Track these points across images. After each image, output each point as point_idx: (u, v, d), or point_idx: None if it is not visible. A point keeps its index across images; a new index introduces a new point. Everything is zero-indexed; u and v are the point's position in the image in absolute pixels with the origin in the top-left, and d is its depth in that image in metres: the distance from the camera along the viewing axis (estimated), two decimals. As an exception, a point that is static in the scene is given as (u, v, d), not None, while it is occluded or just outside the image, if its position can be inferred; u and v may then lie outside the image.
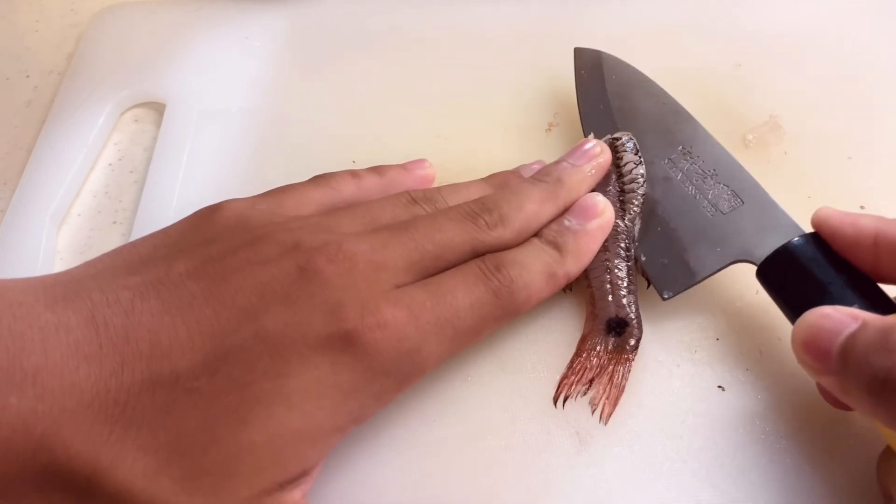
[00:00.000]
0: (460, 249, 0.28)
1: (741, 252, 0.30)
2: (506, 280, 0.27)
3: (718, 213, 0.31)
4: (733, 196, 0.31)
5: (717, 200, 0.31)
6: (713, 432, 0.28)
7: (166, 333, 0.23)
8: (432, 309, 0.26)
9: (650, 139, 0.34)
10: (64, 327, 0.23)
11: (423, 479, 0.27)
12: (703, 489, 0.27)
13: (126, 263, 0.26)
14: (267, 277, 0.25)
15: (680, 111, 0.35)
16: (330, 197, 0.31)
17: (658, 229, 0.32)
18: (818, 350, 0.24)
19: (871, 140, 0.38)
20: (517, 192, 0.30)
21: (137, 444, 0.22)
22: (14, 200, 0.36)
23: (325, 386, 0.24)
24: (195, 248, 0.26)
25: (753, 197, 0.31)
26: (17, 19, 0.48)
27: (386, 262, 0.26)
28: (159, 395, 0.22)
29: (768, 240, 0.29)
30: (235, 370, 0.23)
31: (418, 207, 0.30)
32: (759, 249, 0.29)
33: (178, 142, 0.39)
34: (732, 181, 0.32)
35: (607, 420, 0.28)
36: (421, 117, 0.40)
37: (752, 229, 0.30)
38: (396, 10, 0.45)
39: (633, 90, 0.36)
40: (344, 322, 0.24)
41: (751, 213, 0.31)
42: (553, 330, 0.31)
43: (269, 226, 0.27)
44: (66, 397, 0.22)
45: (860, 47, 0.42)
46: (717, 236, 0.30)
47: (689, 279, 0.30)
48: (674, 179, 0.33)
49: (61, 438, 0.21)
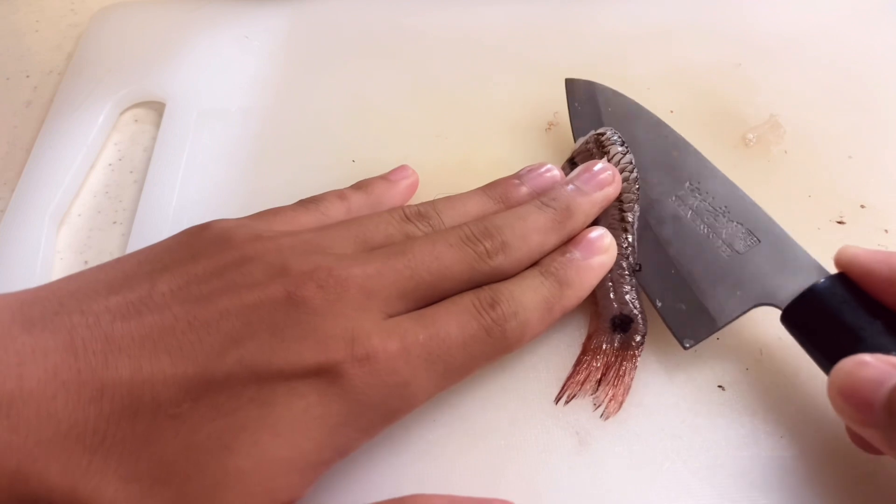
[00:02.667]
0: (458, 279, 0.27)
1: (762, 295, 0.28)
2: (499, 318, 0.26)
3: (735, 253, 0.30)
4: (748, 234, 0.30)
5: (732, 239, 0.30)
6: (713, 432, 0.28)
7: (148, 359, 0.22)
8: (424, 343, 0.25)
9: (655, 175, 0.33)
10: (41, 351, 0.22)
11: (422, 480, 0.27)
12: (703, 489, 0.27)
13: (108, 280, 0.25)
14: (253, 302, 0.24)
15: (682, 143, 0.34)
16: (319, 220, 0.30)
17: (672, 272, 0.30)
18: (859, 401, 0.23)
19: (871, 139, 0.38)
20: (522, 219, 0.29)
21: (119, 474, 0.21)
22: (14, 200, 0.36)
23: (311, 417, 0.23)
24: (179, 265, 0.25)
25: (770, 234, 0.30)
26: (17, 19, 0.48)
27: (379, 290, 0.25)
28: (140, 423, 0.22)
29: (790, 281, 0.28)
30: (220, 397, 0.22)
31: (412, 226, 0.29)
32: (781, 291, 0.28)
33: (178, 141, 0.39)
34: (746, 218, 0.31)
35: (615, 414, 0.28)
36: (421, 117, 0.40)
37: (771, 270, 0.29)
38: (396, 10, 0.45)
39: (631, 122, 0.35)
40: (333, 353, 0.23)
41: (769, 251, 0.29)
42: (553, 329, 0.31)
43: (257, 243, 0.26)
44: (42, 427, 0.21)
45: (860, 47, 0.42)
46: (735, 278, 0.29)
47: (710, 327, 0.29)
48: (684, 218, 0.31)
49: (37, 470, 0.21)
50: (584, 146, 0.34)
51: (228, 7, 0.46)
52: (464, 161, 0.37)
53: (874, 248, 0.27)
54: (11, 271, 0.34)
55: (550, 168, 0.32)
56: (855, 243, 0.27)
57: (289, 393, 0.23)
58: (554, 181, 0.32)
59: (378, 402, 0.24)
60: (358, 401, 0.24)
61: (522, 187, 0.32)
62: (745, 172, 0.33)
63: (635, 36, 0.43)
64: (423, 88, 0.41)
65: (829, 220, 0.34)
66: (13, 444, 0.20)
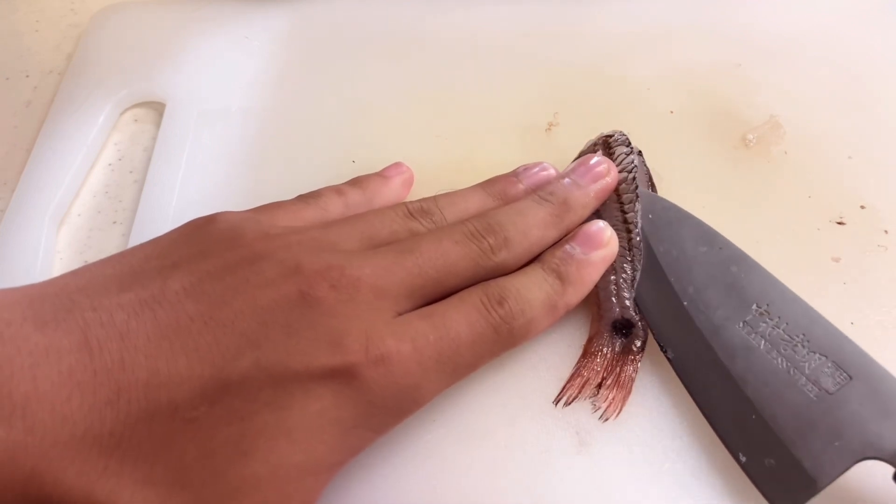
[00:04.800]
0: (462, 275, 0.27)
1: (866, 446, 0.24)
2: (507, 315, 0.27)
3: (824, 394, 0.25)
4: (836, 368, 0.26)
5: (818, 376, 0.26)
6: (713, 432, 0.28)
7: (164, 360, 0.22)
8: (435, 343, 0.25)
9: (713, 296, 0.29)
10: (55, 351, 0.21)
11: (422, 480, 0.27)
12: (703, 489, 0.27)
13: (117, 276, 0.25)
14: (268, 302, 0.24)
15: (742, 257, 0.29)
16: (321, 215, 0.30)
17: (752, 417, 0.26)
18: None
19: (871, 140, 0.38)
20: (523, 214, 0.29)
21: (135, 478, 0.21)
22: (14, 200, 0.36)
23: (326, 420, 0.23)
24: (190, 262, 0.25)
25: (861, 369, 0.26)
26: (17, 19, 0.48)
27: (389, 289, 0.26)
28: (157, 426, 0.21)
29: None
30: (236, 401, 0.22)
31: (416, 223, 0.29)
32: (890, 442, 0.24)
33: (178, 141, 0.39)
34: (830, 349, 0.26)
35: (615, 418, 0.28)
36: (421, 117, 0.40)
37: (873, 414, 0.25)
38: (396, 10, 0.45)
39: (678, 231, 0.31)
40: (348, 355, 0.23)
41: (865, 391, 0.25)
42: (553, 329, 0.31)
43: (267, 240, 0.26)
44: (57, 429, 0.20)
45: (860, 47, 0.42)
46: (829, 426, 0.25)
47: (809, 488, 0.24)
48: (757, 349, 0.27)
49: (53, 473, 0.20)
50: (592, 148, 0.34)
51: (228, 7, 0.46)
52: (464, 161, 0.37)
53: (874, 248, 0.27)
54: (11, 271, 0.34)
55: (546, 166, 0.33)
56: (855, 244, 0.27)
57: (304, 395, 0.23)
58: (550, 177, 0.32)
59: (391, 402, 0.24)
60: (372, 402, 0.24)
61: (520, 184, 0.32)
62: (745, 173, 0.33)
63: (635, 36, 0.43)
64: (423, 88, 0.41)
65: (829, 220, 0.34)
66: (29, 446, 0.20)
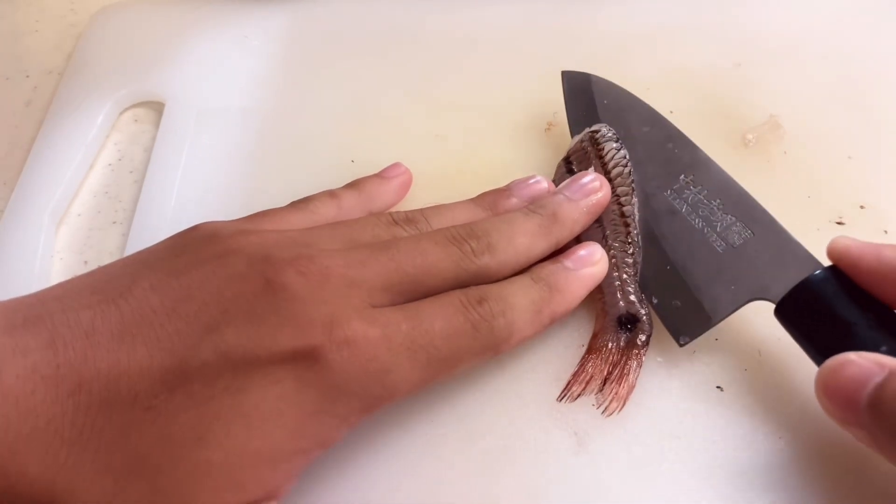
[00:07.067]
0: (442, 276, 0.27)
1: (757, 290, 0.28)
2: (486, 314, 0.26)
3: (729, 248, 0.29)
4: (743, 227, 0.30)
5: (727, 233, 0.30)
6: (712, 432, 0.28)
7: (126, 352, 0.22)
8: (407, 332, 0.24)
9: (651, 169, 0.33)
10: (22, 350, 0.22)
11: (421, 480, 0.27)
12: (703, 489, 0.27)
13: (92, 283, 0.25)
14: (233, 293, 0.24)
15: (676, 135, 0.34)
16: (309, 219, 0.30)
17: (667, 268, 0.30)
18: (844, 400, 0.23)
19: (871, 140, 0.38)
20: (509, 222, 0.29)
21: (94, 467, 0.21)
22: (13, 200, 0.36)
23: (286, 404, 0.23)
24: (162, 262, 0.25)
25: (764, 226, 0.30)
26: (17, 19, 0.48)
27: (362, 280, 0.25)
28: (117, 416, 0.22)
29: (784, 275, 0.27)
30: (195, 387, 0.22)
31: (399, 229, 0.29)
32: (775, 286, 0.27)
33: (178, 141, 0.39)
34: (739, 210, 0.30)
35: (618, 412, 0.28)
36: (420, 117, 0.40)
37: (766, 263, 0.29)
38: (396, 10, 0.45)
39: (626, 114, 0.35)
40: (310, 337, 0.23)
41: (763, 244, 0.29)
42: (552, 331, 0.31)
43: (241, 237, 0.26)
44: (21, 423, 0.21)
45: (860, 47, 0.42)
46: (730, 273, 0.29)
47: (705, 323, 0.29)
48: (679, 212, 0.31)
49: (17, 465, 0.21)
50: (580, 145, 0.34)
51: (228, 7, 0.46)
52: (463, 161, 0.37)
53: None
54: (11, 271, 0.34)
55: (539, 180, 0.33)
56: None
57: (264, 379, 0.23)
58: (542, 191, 0.32)
59: (357, 388, 0.24)
60: (336, 386, 0.23)
61: (512, 198, 0.32)
62: (745, 173, 0.33)
63: (635, 36, 0.43)
64: (422, 89, 0.41)
65: (828, 220, 0.34)
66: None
